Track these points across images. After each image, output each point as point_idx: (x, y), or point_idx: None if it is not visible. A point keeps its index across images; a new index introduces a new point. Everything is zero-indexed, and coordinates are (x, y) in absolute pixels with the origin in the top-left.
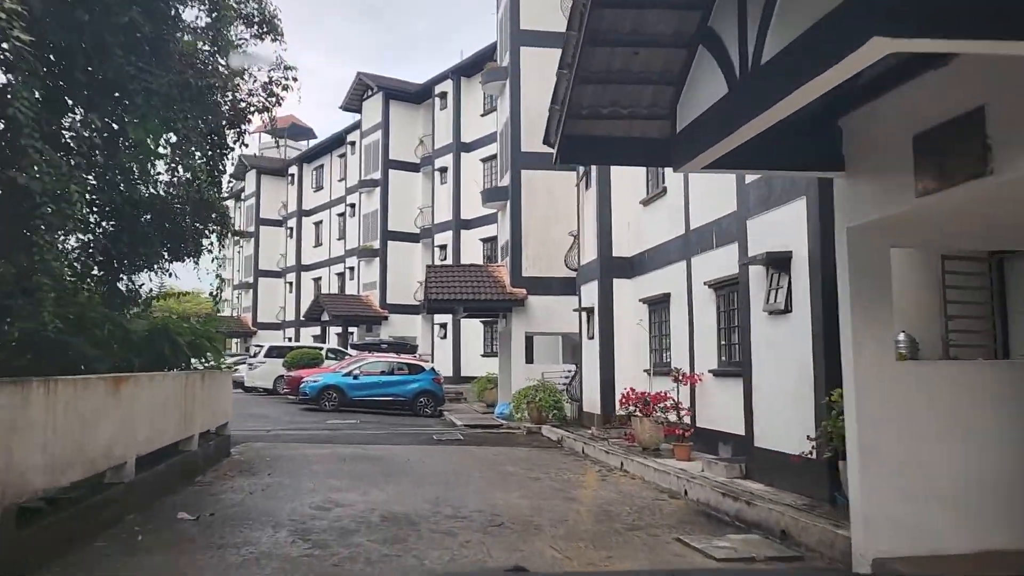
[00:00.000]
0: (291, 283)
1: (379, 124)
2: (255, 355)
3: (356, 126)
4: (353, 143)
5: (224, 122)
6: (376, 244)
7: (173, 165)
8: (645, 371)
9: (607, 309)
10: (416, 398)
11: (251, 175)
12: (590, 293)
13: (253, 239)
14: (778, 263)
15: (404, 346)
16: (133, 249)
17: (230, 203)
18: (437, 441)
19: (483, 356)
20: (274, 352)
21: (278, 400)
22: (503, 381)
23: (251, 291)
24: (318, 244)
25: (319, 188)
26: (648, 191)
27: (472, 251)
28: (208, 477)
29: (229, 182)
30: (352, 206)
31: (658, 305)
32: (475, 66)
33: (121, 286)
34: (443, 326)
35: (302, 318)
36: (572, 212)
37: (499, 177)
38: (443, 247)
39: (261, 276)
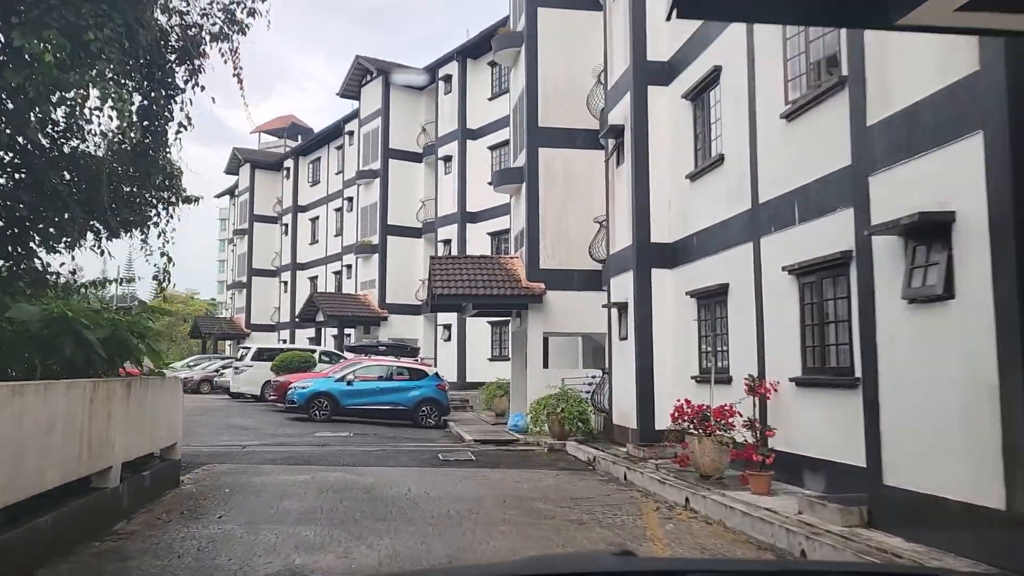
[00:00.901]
0: (286, 282)
1: (378, 111)
2: (241, 358)
3: (355, 115)
4: (351, 133)
5: (172, 54)
6: (375, 239)
7: (96, 106)
8: (693, 378)
9: (644, 304)
10: (418, 407)
11: (245, 169)
12: (622, 286)
13: (247, 236)
14: (929, 231)
15: (404, 349)
16: (39, 215)
17: (225, 199)
18: (444, 462)
19: (491, 360)
20: (262, 355)
21: (265, 408)
22: (516, 388)
23: (244, 291)
24: (314, 241)
25: (316, 182)
26: (698, 162)
27: (479, 246)
28: (133, 524)
29: (178, 131)
30: (350, 200)
31: (711, 299)
32: (482, 45)
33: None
34: (447, 327)
35: (296, 319)
36: (598, 195)
37: (512, 158)
38: (447, 242)
39: (255, 275)
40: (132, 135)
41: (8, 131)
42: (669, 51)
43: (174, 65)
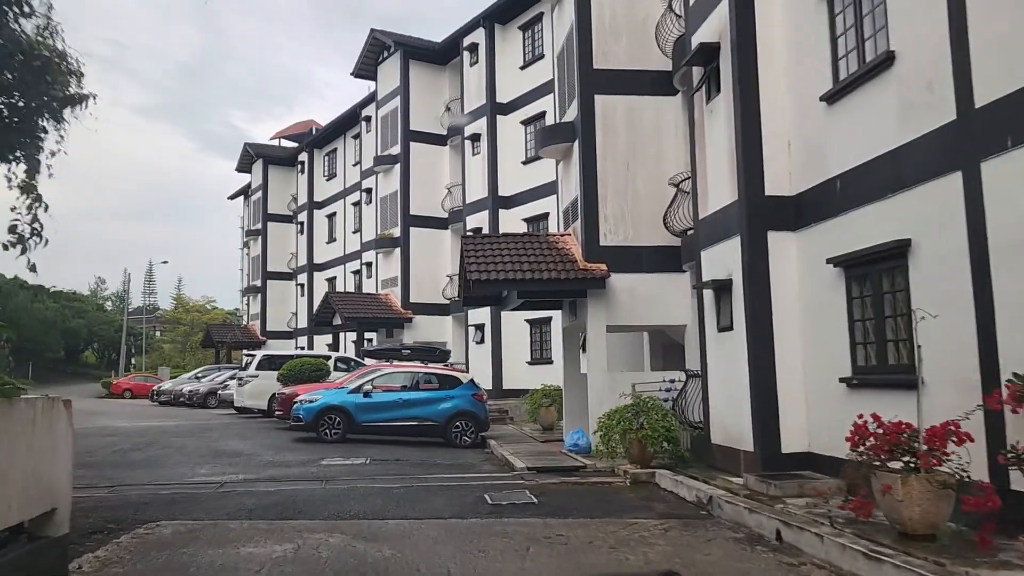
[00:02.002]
0: (303, 285)
1: (397, 89)
2: (246, 367)
3: (371, 99)
4: (369, 119)
5: None
6: (396, 232)
7: None
8: (844, 381)
9: (758, 281)
10: (450, 422)
11: (257, 167)
12: (722, 259)
13: (261, 237)
14: None
15: (432, 353)
16: None
17: (239, 200)
18: (495, 508)
19: (530, 364)
20: (269, 363)
21: (270, 426)
22: (571, 397)
23: (259, 296)
24: (332, 239)
25: (332, 176)
26: (839, 75)
27: None
28: None
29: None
30: (368, 191)
31: (874, 266)
32: (511, 9)
33: None
34: (479, 328)
35: (313, 323)
36: (672, 151)
37: (558, 118)
38: (478, 231)
39: (270, 278)
40: None
41: None
42: None
43: None
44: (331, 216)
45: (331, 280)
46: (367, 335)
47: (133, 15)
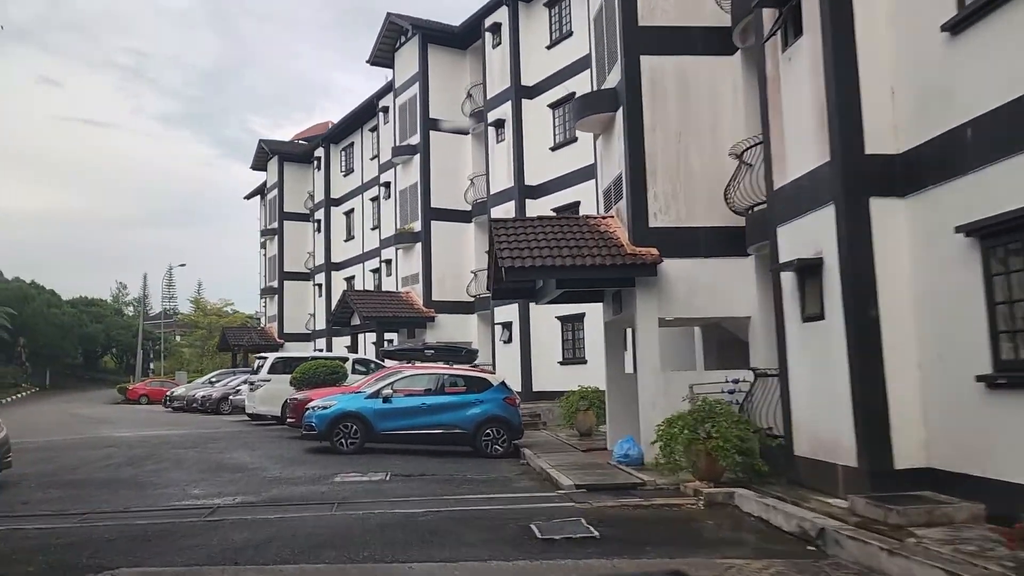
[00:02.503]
0: (320, 285)
1: (415, 76)
2: (257, 370)
3: (389, 88)
4: (386, 109)
5: None
6: (417, 226)
7: None
8: (982, 380)
9: (859, 258)
10: (480, 429)
11: (273, 164)
12: (807, 234)
13: (277, 237)
14: None
15: (458, 353)
16: None
17: (256, 202)
18: (546, 546)
19: (562, 364)
20: (282, 366)
21: (282, 434)
22: (615, 400)
23: (276, 297)
24: (350, 237)
25: (349, 171)
26: None
27: None
28: None
29: None
30: (387, 185)
31: None
32: None
33: None
34: (506, 326)
35: (331, 324)
36: (730, 118)
37: (595, 86)
38: None
39: (287, 279)
40: None
41: None
42: None
43: None
44: (349, 213)
45: (349, 279)
46: (387, 336)
47: (154, 24)
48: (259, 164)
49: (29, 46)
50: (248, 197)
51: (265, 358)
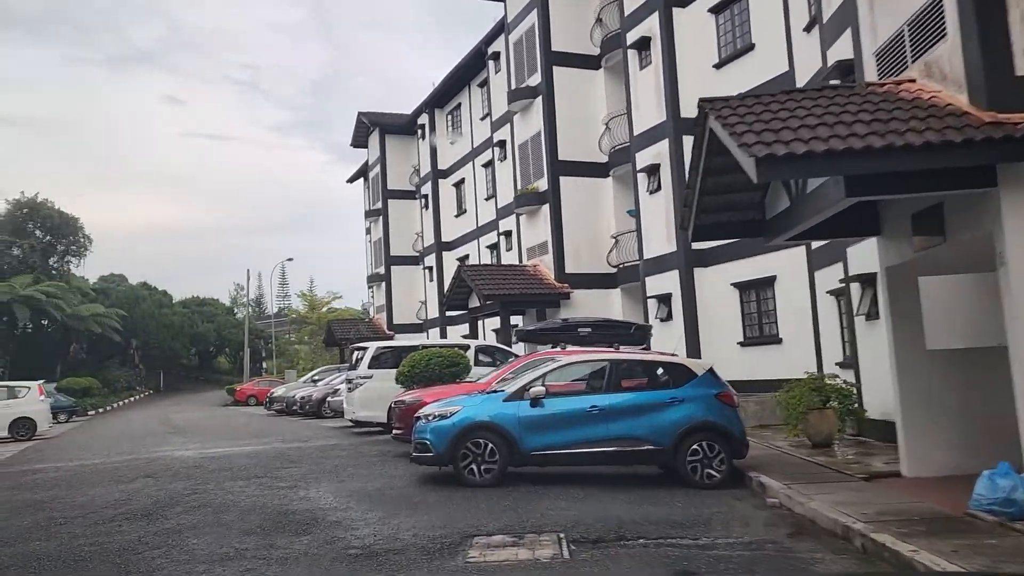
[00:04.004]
0: (431, 268)
1: (532, 3)
2: (355, 364)
3: (499, 31)
4: (497, 55)
5: None
6: (542, 184)
7: None
8: None
9: None
10: (682, 443)
11: (374, 139)
12: None
13: (381, 218)
14: None
15: (627, 329)
16: None
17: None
18: None
19: (744, 346)
20: (387, 358)
21: (388, 451)
22: (911, 391)
23: (384, 284)
24: (461, 211)
25: (456, 137)
26: None
27: None
28: None
29: None
30: (501, 145)
31: None
32: None
33: None
34: (663, 299)
35: (445, 307)
36: None
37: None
38: (654, 169)
39: (394, 264)
40: None
41: None
42: None
43: None
44: (458, 184)
45: (463, 259)
46: (513, 320)
47: (265, 39)
48: (359, 140)
49: (153, 68)
50: (351, 180)
51: (364, 348)
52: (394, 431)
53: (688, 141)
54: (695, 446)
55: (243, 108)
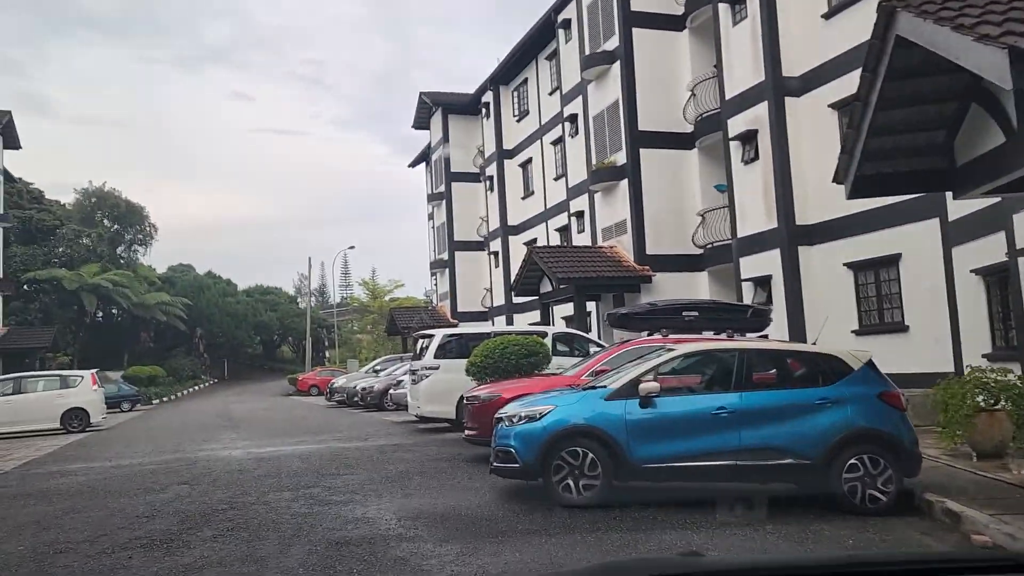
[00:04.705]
0: (496, 253)
1: None
2: (420, 354)
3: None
4: (567, 22)
5: None
6: (620, 158)
7: None
8: None
9: None
10: (835, 455)
11: (436, 120)
12: None
13: (444, 202)
14: None
15: (743, 312)
16: None
17: (422, 167)
18: None
19: (859, 335)
20: (456, 347)
21: (460, 452)
22: None
23: (447, 271)
24: (528, 193)
25: (524, 114)
26: None
27: (815, 137)
28: None
29: None
30: (572, 119)
31: None
32: None
33: None
34: (760, 283)
35: (513, 295)
36: None
37: None
38: (750, 136)
39: (458, 249)
40: None
41: None
42: None
43: None
44: (525, 164)
45: (530, 243)
46: (587, 307)
47: (329, 34)
48: (421, 122)
49: (222, 66)
50: (413, 164)
51: (430, 336)
52: (466, 431)
53: (792, 103)
54: (853, 460)
55: (307, 103)
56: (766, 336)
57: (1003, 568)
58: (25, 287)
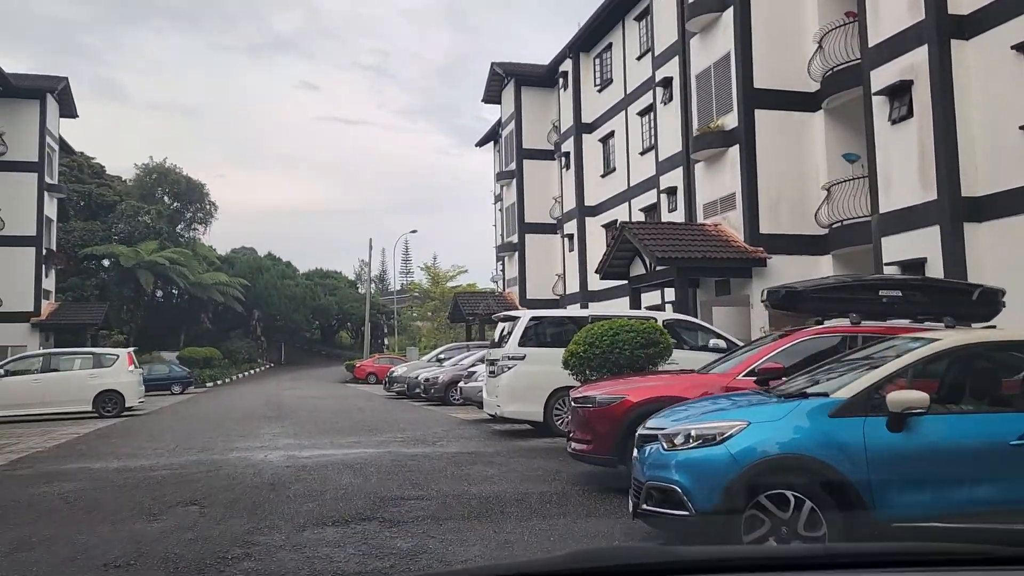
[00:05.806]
0: (571, 236)
1: None
2: (500, 341)
3: None
4: None
5: None
6: (730, 121)
7: None
8: None
9: None
10: None
11: (508, 93)
12: None
13: (515, 180)
14: None
15: (967, 294)
16: None
17: (488, 146)
18: None
19: None
20: (546, 333)
21: (566, 471)
22: None
23: (516, 255)
24: (609, 171)
25: (606, 84)
26: None
27: (995, 83)
28: None
29: None
30: (666, 83)
31: None
32: None
33: None
34: (913, 268)
35: (602, 275)
36: None
37: None
38: (901, 89)
39: (528, 232)
40: None
41: None
42: None
43: None
44: (606, 139)
45: (609, 226)
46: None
47: (394, 24)
48: (492, 95)
49: (290, 55)
50: (480, 144)
51: (514, 320)
52: (573, 444)
53: (957, 47)
54: None
55: (371, 92)
56: (994, 328)
57: (998, 561)
58: (84, 263)
